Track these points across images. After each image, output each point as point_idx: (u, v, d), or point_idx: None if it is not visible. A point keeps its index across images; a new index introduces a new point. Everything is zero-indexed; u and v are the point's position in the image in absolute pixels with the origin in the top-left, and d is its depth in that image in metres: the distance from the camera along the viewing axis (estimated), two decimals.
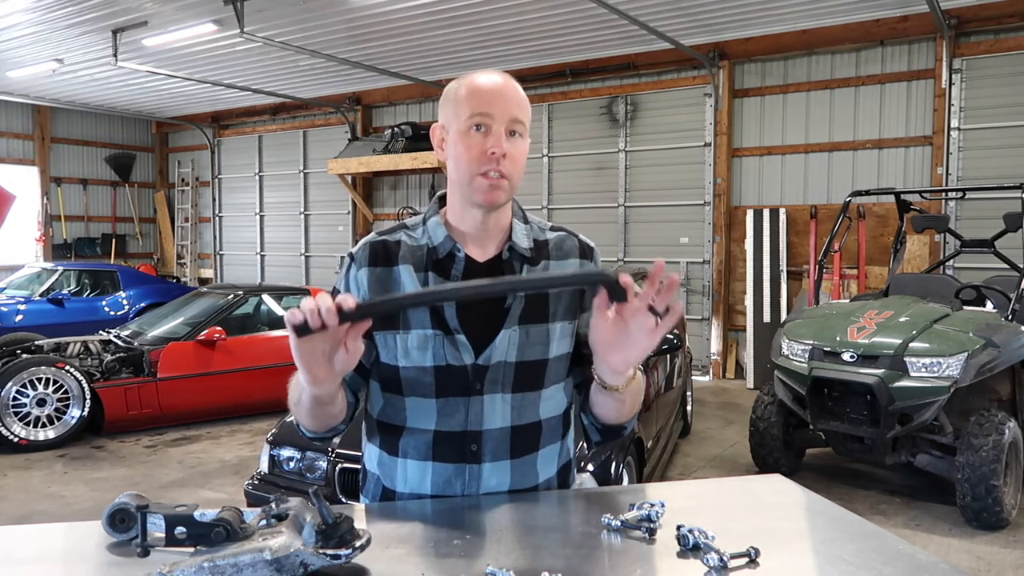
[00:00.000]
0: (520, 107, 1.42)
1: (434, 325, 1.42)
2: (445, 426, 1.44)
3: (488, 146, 1.38)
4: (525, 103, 1.44)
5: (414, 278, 1.45)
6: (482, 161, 1.38)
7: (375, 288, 1.46)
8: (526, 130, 1.43)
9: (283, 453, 3.78)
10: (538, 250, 1.50)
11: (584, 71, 10.47)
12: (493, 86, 1.41)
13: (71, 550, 1.29)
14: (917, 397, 4.53)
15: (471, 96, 1.40)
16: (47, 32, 9.38)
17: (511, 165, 1.40)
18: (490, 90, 1.40)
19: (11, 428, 6.08)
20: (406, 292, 1.42)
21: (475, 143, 1.39)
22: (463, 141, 1.40)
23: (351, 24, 8.92)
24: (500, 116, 1.38)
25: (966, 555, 4.16)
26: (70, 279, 10.72)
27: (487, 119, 1.38)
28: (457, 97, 1.42)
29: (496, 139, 1.38)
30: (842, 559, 1.17)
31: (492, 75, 1.43)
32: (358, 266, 1.48)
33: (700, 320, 9.88)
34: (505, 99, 1.40)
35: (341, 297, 1.18)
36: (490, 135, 1.38)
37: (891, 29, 8.43)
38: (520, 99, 1.43)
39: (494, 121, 1.38)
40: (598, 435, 1.54)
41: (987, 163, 8.05)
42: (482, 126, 1.38)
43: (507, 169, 1.39)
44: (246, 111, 14.47)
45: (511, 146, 1.39)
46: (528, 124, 1.44)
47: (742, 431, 6.35)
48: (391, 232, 1.52)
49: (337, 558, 1.07)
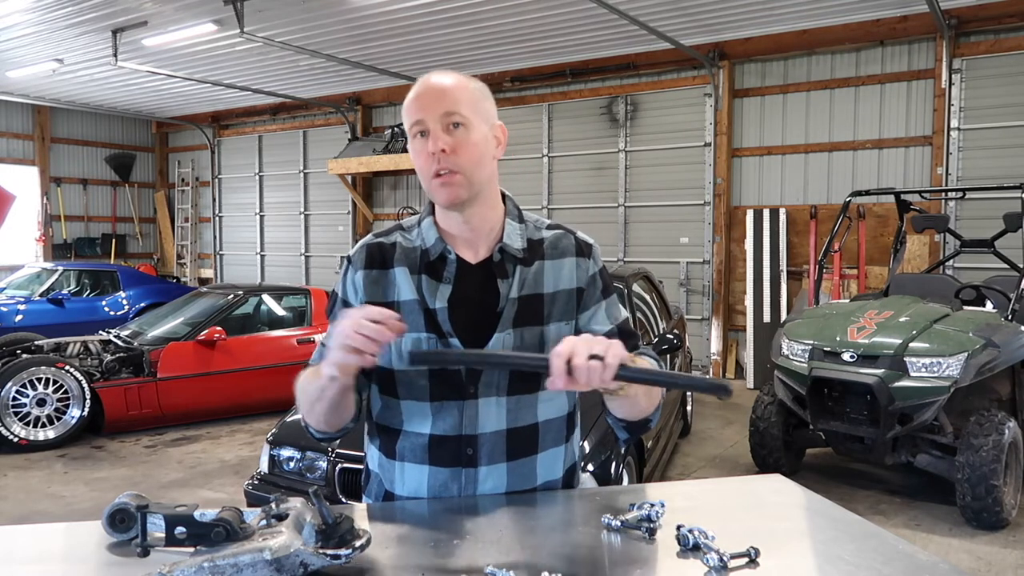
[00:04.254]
0: (454, 100, 1.41)
1: (428, 329, 1.43)
2: (440, 430, 1.44)
3: (428, 148, 1.40)
4: (462, 92, 1.43)
5: (409, 280, 1.45)
6: (429, 163, 1.41)
7: (371, 290, 1.46)
8: (469, 118, 1.41)
9: (283, 453, 3.78)
10: (532, 250, 1.49)
11: (584, 71, 10.47)
12: (423, 90, 1.43)
13: (71, 550, 1.29)
14: (917, 397, 4.53)
15: (408, 108, 1.44)
16: (47, 32, 9.37)
17: (457, 157, 1.40)
18: (420, 95, 1.43)
19: (11, 428, 6.08)
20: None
21: (420, 149, 1.42)
22: (413, 150, 1.45)
23: (351, 24, 8.91)
24: (432, 116, 1.40)
25: (966, 555, 4.16)
26: (70, 279, 10.71)
27: (423, 124, 1.41)
28: (403, 113, 1.46)
29: (433, 139, 1.40)
30: (842, 559, 1.17)
31: (426, 79, 1.45)
32: (355, 269, 1.49)
33: (700, 320, 9.88)
34: (435, 98, 1.41)
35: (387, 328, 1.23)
36: (428, 136, 1.41)
37: (891, 29, 8.43)
38: (454, 91, 1.42)
39: (428, 123, 1.41)
40: (624, 432, 1.53)
41: (987, 163, 8.04)
42: (423, 132, 1.41)
43: (453, 162, 1.40)
44: (246, 111, 14.47)
45: (452, 138, 1.40)
46: (473, 111, 1.43)
47: (742, 431, 6.35)
48: (387, 234, 1.53)
49: (337, 558, 1.07)
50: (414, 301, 1.44)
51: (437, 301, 1.44)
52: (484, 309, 1.44)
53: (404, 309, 1.44)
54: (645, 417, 1.48)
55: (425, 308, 1.44)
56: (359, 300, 1.46)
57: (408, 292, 1.45)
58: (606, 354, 1.19)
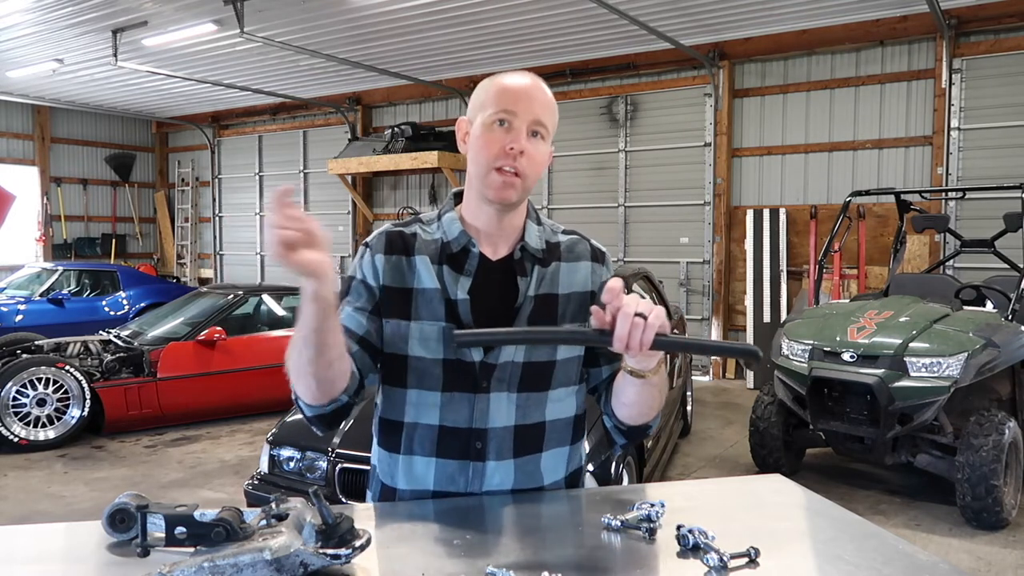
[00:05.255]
0: (546, 110, 1.44)
1: (447, 318, 1.44)
2: (450, 421, 1.45)
3: (507, 141, 1.40)
4: (552, 108, 1.46)
5: (430, 269, 1.46)
6: (500, 155, 1.40)
7: (391, 275, 1.47)
8: (548, 134, 1.45)
9: (283, 453, 3.78)
10: (550, 251, 1.52)
11: (584, 71, 10.48)
12: (522, 86, 1.44)
13: (71, 550, 1.29)
14: (917, 397, 4.53)
15: (499, 93, 1.43)
16: (47, 32, 9.38)
17: (528, 164, 1.41)
18: (518, 89, 1.43)
19: (11, 428, 6.08)
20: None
21: (495, 137, 1.41)
22: (484, 135, 1.42)
23: (351, 24, 8.91)
24: (524, 115, 1.41)
25: (966, 555, 4.16)
26: (70, 279, 10.71)
27: (511, 116, 1.41)
28: (486, 93, 1.45)
29: (516, 135, 1.40)
30: (842, 559, 1.17)
31: (523, 76, 1.46)
32: (374, 252, 1.49)
33: (700, 320, 9.88)
34: (531, 100, 1.43)
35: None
36: (511, 131, 1.41)
37: (891, 29, 8.43)
38: (547, 102, 1.45)
39: (517, 119, 1.41)
40: (622, 437, 1.53)
41: (987, 163, 8.05)
42: (505, 122, 1.41)
43: (523, 167, 1.41)
44: (246, 111, 14.47)
45: (531, 145, 1.42)
46: (551, 130, 1.46)
47: (742, 431, 6.35)
48: (406, 225, 1.54)
49: (337, 558, 1.07)
50: (435, 290, 1.45)
51: (459, 292, 1.44)
52: (503, 304, 1.46)
53: (423, 297, 1.45)
54: (645, 422, 1.49)
55: (446, 298, 1.44)
56: (378, 281, 1.46)
57: (429, 281, 1.45)
58: (650, 314, 1.20)
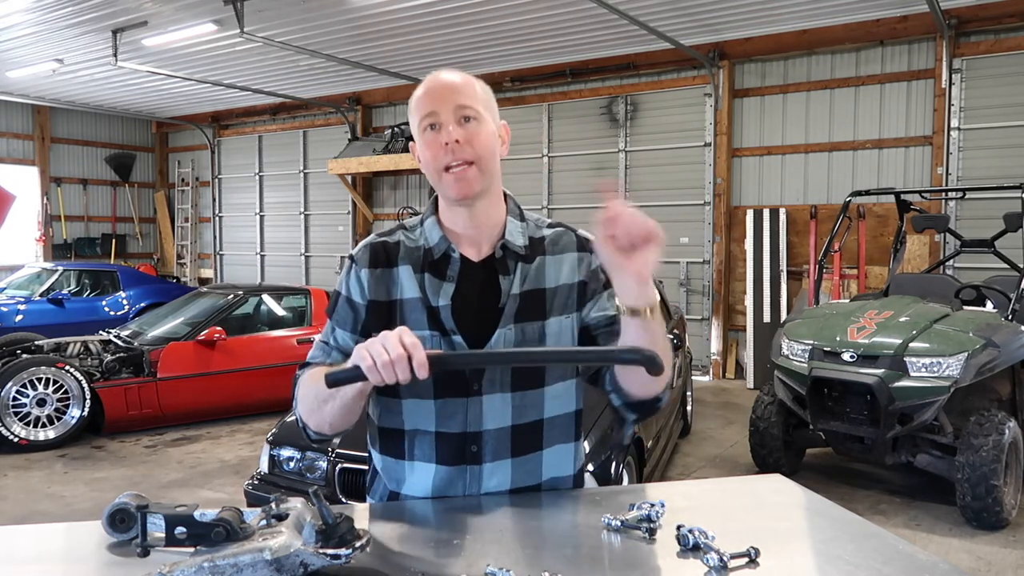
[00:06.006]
0: (465, 94, 1.43)
1: (431, 326, 1.43)
2: (445, 427, 1.44)
3: (440, 140, 1.41)
4: (472, 88, 1.45)
5: (412, 278, 1.46)
6: (440, 156, 1.41)
7: (376, 289, 1.47)
8: (481, 113, 1.44)
9: (283, 453, 3.78)
10: (533, 247, 1.51)
11: (584, 71, 10.47)
12: (434, 85, 1.45)
13: (71, 550, 1.29)
14: (917, 397, 4.53)
15: (418, 103, 1.45)
16: (47, 32, 9.37)
17: (471, 148, 1.41)
18: (431, 90, 1.44)
19: (11, 428, 6.08)
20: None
21: (430, 141, 1.43)
22: (422, 144, 1.45)
23: (351, 24, 8.91)
24: (445, 108, 1.42)
25: (966, 555, 4.16)
26: (70, 279, 10.71)
27: (435, 117, 1.42)
28: (411, 108, 1.47)
29: (446, 132, 1.41)
30: (842, 559, 1.17)
31: (436, 75, 1.47)
32: (359, 267, 1.49)
33: (700, 320, 9.88)
34: (447, 91, 1.43)
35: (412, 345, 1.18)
36: (441, 130, 1.42)
37: (891, 29, 8.43)
38: (464, 87, 1.45)
39: (440, 115, 1.42)
40: (632, 412, 1.48)
41: (987, 163, 8.04)
42: (434, 124, 1.42)
43: (467, 154, 1.41)
44: (246, 111, 14.47)
45: (464, 130, 1.41)
46: (484, 106, 1.45)
47: (742, 431, 6.35)
48: (390, 234, 1.54)
49: (337, 558, 1.07)
50: (417, 299, 1.45)
51: (440, 299, 1.44)
52: (486, 306, 1.45)
53: (407, 307, 1.45)
54: (655, 395, 1.44)
55: (428, 306, 1.44)
56: (364, 297, 1.47)
57: (411, 290, 1.46)
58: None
